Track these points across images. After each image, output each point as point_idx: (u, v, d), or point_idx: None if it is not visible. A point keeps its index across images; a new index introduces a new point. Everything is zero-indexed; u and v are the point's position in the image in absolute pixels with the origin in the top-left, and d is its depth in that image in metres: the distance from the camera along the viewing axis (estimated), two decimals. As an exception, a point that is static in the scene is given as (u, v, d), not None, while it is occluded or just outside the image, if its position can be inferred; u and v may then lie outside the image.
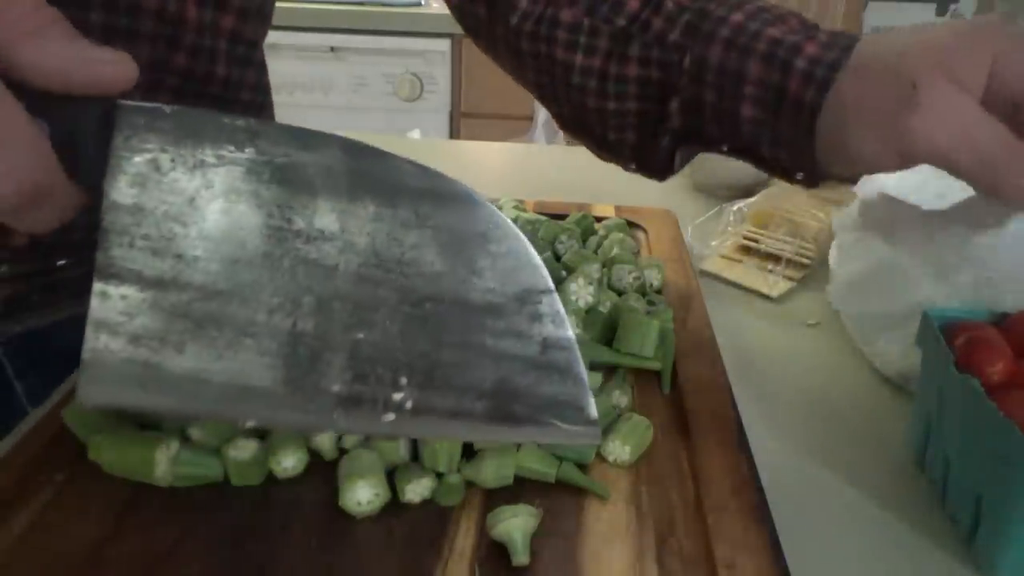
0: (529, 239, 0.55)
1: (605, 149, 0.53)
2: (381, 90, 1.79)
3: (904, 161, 0.37)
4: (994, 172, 0.35)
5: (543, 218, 0.62)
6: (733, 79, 0.42)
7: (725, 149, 0.47)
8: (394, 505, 0.36)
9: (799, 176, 0.43)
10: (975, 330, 0.40)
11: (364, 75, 1.77)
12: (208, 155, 0.29)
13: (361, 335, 0.31)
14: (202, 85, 0.48)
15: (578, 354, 0.33)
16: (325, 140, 0.31)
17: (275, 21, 0.57)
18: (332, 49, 1.75)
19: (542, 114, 1.86)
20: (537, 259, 0.33)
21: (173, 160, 0.29)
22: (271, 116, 0.58)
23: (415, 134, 1.68)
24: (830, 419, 0.47)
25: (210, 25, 0.47)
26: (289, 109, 1.81)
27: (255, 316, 0.30)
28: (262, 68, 0.55)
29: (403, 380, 0.31)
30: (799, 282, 0.62)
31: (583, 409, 0.33)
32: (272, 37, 0.57)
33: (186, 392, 0.29)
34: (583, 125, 0.52)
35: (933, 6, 2.13)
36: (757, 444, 0.41)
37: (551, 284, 0.33)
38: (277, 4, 0.57)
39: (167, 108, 0.29)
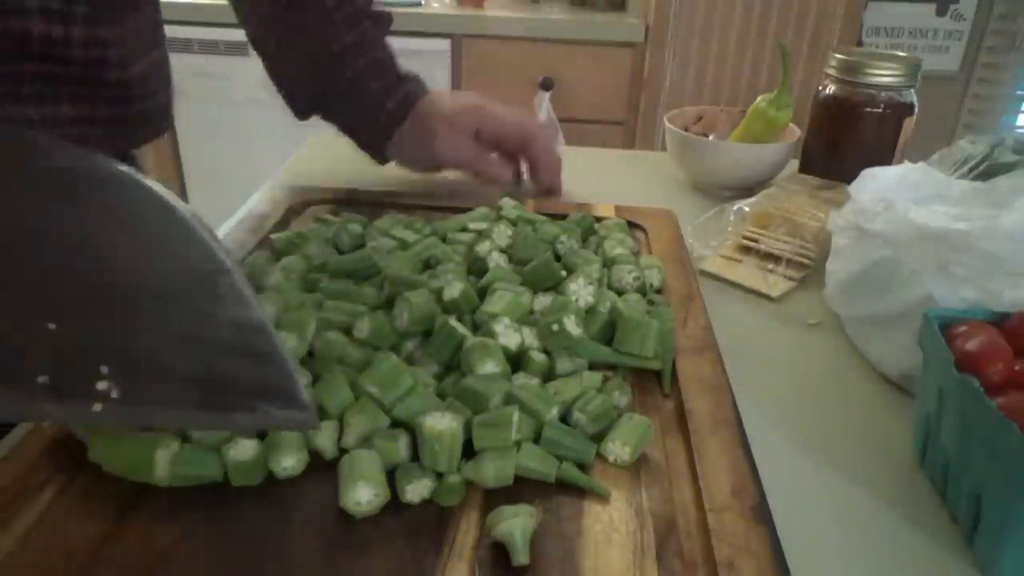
0: (529, 239, 0.56)
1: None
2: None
3: (434, 164, 0.73)
4: (473, 167, 0.72)
5: (543, 217, 0.62)
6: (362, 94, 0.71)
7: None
8: (394, 505, 0.36)
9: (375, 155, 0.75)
10: (975, 330, 0.40)
11: (364, 75, 1.77)
12: None
13: (52, 326, 0.30)
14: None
15: (274, 337, 0.32)
16: None
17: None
18: (332, 49, 1.75)
19: (542, 114, 1.85)
20: (211, 240, 0.32)
21: None
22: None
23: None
24: (830, 419, 0.47)
25: None
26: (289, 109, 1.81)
27: None
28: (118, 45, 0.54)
29: (104, 369, 0.31)
30: (799, 282, 0.62)
31: (292, 394, 0.33)
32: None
33: None
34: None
35: (933, 6, 2.13)
36: (757, 444, 0.41)
37: (229, 264, 0.32)
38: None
39: None
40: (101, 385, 0.31)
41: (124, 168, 0.32)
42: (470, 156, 0.71)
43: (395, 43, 0.74)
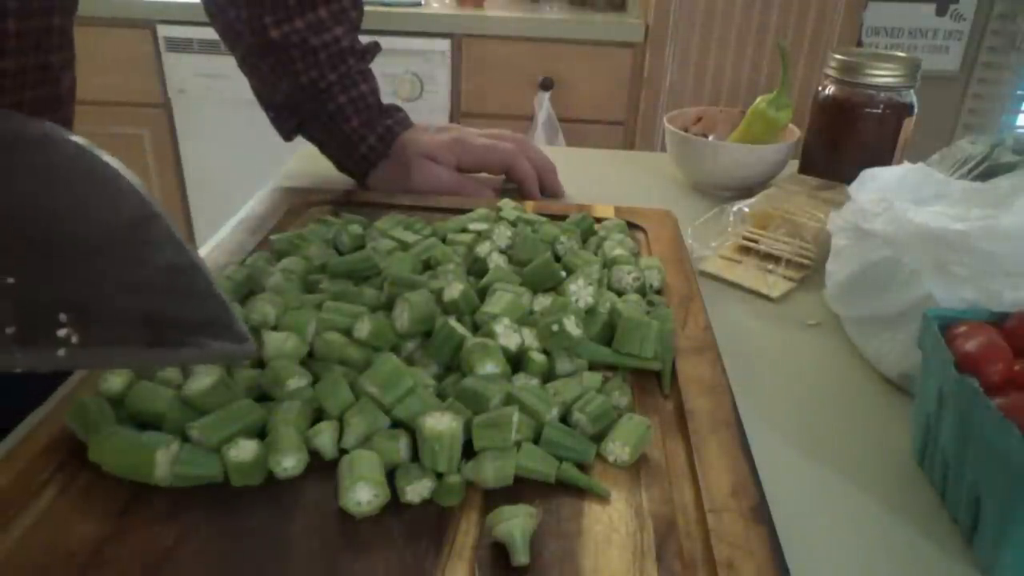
0: (529, 240, 0.56)
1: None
2: (381, 90, 1.79)
3: (416, 192, 0.73)
4: (456, 191, 0.73)
5: (543, 218, 0.62)
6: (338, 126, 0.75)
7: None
8: (394, 505, 0.36)
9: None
10: (975, 330, 0.40)
11: (364, 75, 1.77)
12: None
13: (10, 280, 0.33)
14: None
15: (208, 275, 0.35)
16: None
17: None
18: (332, 49, 1.75)
19: (542, 114, 1.86)
20: (137, 187, 0.34)
21: None
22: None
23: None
24: (830, 419, 0.47)
25: None
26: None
27: None
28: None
29: (62, 317, 0.33)
30: (799, 283, 0.62)
31: (230, 326, 0.35)
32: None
33: None
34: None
35: (933, 6, 2.13)
36: (757, 444, 0.41)
37: (156, 209, 0.34)
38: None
39: None
40: (62, 332, 0.33)
41: (50, 126, 0.34)
42: (451, 185, 0.74)
43: (395, 43, 0.75)
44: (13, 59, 0.52)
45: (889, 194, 0.53)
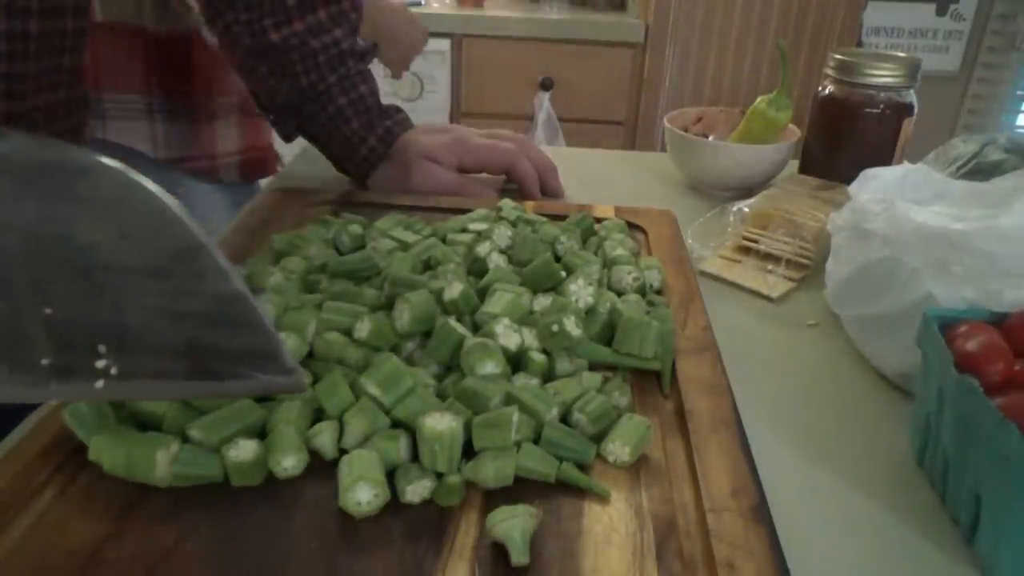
0: (529, 240, 0.56)
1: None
2: (381, 90, 1.79)
3: (416, 193, 0.73)
4: (457, 191, 0.73)
5: (543, 218, 0.62)
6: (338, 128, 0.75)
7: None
8: (394, 505, 0.36)
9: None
10: (975, 330, 0.40)
11: (364, 75, 1.77)
12: None
13: (48, 311, 0.32)
14: None
15: (254, 305, 0.34)
16: None
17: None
18: (332, 49, 1.75)
19: (542, 114, 1.86)
20: (182, 217, 0.33)
21: None
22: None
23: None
24: (830, 419, 0.47)
25: None
26: (289, 109, 1.81)
27: None
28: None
29: (101, 348, 0.33)
30: (799, 283, 0.62)
31: (276, 358, 0.34)
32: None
33: None
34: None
35: (933, 6, 2.13)
36: (757, 444, 0.41)
37: (203, 239, 0.33)
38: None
39: None
40: (100, 363, 0.33)
41: (91, 154, 0.33)
42: (451, 186, 0.74)
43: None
44: (34, 62, 0.52)
45: (889, 194, 0.53)
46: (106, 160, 0.33)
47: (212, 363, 0.34)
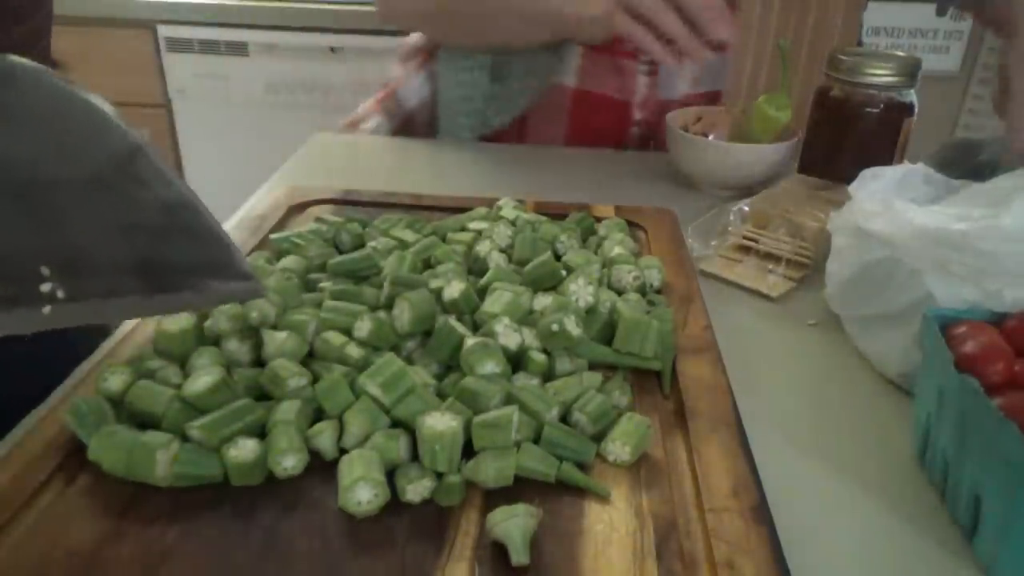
0: (529, 239, 0.56)
1: None
2: (381, 83, 1.79)
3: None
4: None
5: (543, 218, 0.62)
6: None
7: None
8: (394, 505, 0.36)
9: None
10: (975, 330, 0.40)
11: (364, 75, 1.77)
12: None
13: None
14: None
15: (204, 211, 0.32)
16: None
17: (275, 21, 0.57)
18: (332, 49, 1.75)
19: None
20: (115, 118, 0.31)
21: None
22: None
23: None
24: (830, 419, 0.47)
25: None
26: (289, 109, 1.82)
27: None
28: None
29: (44, 271, 0.30)
30: (799, 282, 0.62)
31: (231, 264, 0.32)
32: (272, 37, 0.57)
33: None
34: None
35: (933, 6, 2.13)
36: (757, 444, 0.41)
37: (139, 141, 0.31)
38: (278, 4, 0.57)
39: None
40: (45, 287, 0.30)
41: (13, 59, 0.31)
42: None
43: (394, 43, 0.73)
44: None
45: (889, 194, 0.53)
46: (29, 64, 0.30)
47: (164, 276, 0.31)
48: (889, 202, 0.50)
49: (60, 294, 0.30)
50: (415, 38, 0.95)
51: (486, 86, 0.85)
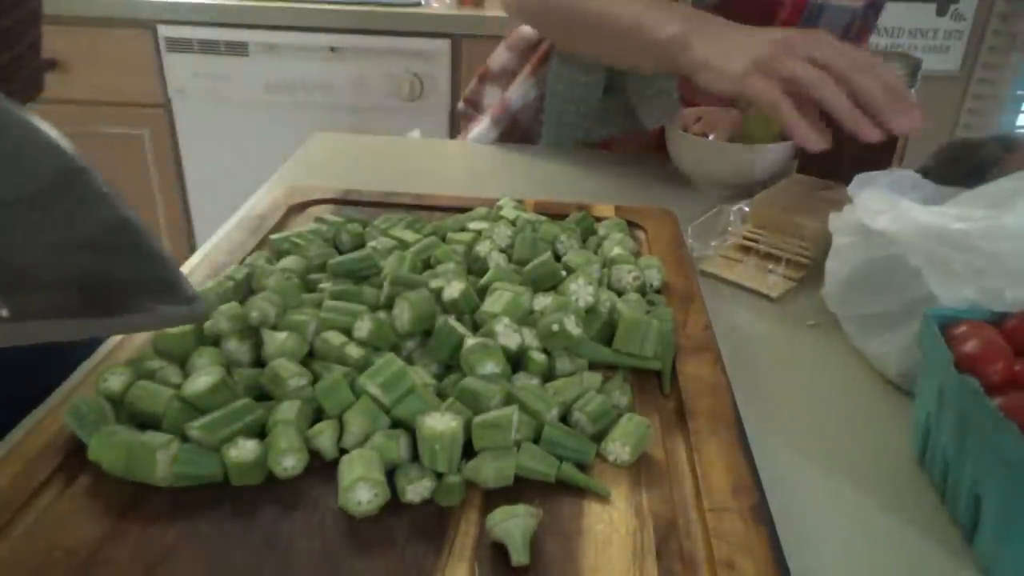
0: (529, 239, 0.56)
1: None
2: (381, 90, 1.79)
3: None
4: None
5: (543, 218, 0.62)
6: None
7: None
8: (394, 505, 0.36)
9: None
10: (975, 330, 0.40)
11: (364, 75, 1.77)
12: None
13: None
14: None
15: (144, 231, 0.32)
16: None
17: (275, 21, 0.57)
18: (332, 49, 1.75)
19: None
20: (57, 140, 0.31)
21: None
22: None
23: (415, 134, 1.68)
24: (830, 419, 0.47)
25: None
26: (289, 109, 1.82)
27: None
28: None
29: None
30: (799, 282, 0.62)
31: (174, 287, 0.32)
32: (272, 37, 0.57)
33: None
34: None
35: (933, 6, 2.13)
36: (757, 444, 0.41)
37: (81, 163, 0.31)
38: (278, 4, 0.57)
39: None
40: None
41: None
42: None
43: (395, 43, 0.73)
44: (7, 53, 0.50)
45: (890, 194, 0.53)
46: None
47: (107, 297, 0.31)
48: (894, 200, 0.50)
49: (4, 313, 0.30)
50: (527, 28, 0.94)
51: (599, 99, 0.85)
